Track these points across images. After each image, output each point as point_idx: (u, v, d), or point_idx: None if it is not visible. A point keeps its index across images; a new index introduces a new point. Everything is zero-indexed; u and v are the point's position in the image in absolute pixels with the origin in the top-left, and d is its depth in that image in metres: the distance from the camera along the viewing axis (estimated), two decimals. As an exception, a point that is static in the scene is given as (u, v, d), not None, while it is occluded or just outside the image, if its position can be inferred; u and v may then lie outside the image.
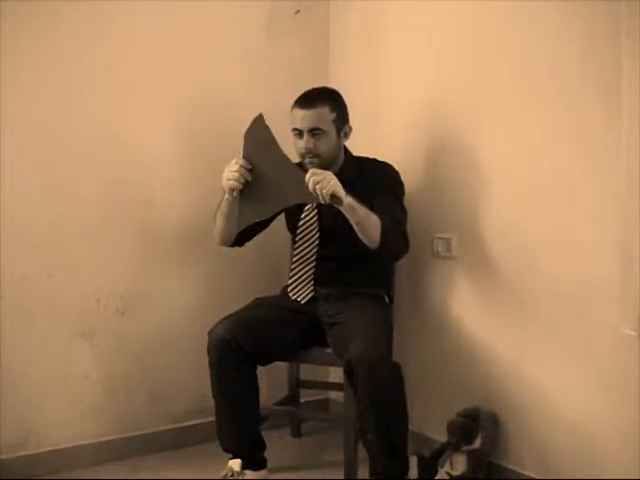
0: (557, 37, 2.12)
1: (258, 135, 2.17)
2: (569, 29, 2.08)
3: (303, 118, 2.34)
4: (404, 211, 2.38)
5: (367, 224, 2.13)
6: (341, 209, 2.08)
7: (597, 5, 2.00)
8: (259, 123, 2.18)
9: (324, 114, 2.36)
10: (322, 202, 2.05)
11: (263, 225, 2.46)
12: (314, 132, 2.34)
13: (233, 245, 2.48)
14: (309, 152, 2.34)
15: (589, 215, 2.06)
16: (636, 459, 1.92)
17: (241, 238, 2.45)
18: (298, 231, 2.48)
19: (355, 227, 2.14)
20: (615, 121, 1.93)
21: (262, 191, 2.17)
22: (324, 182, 2.02)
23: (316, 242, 2.45)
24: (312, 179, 2.01)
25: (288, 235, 2.59)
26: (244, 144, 2.21)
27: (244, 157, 2.19)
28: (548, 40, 2.14)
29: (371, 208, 2.18)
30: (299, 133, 2.35)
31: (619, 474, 1.98)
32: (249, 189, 2.19)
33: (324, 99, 2.38)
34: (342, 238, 2.25)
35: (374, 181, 2.36)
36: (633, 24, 1.84)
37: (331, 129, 2.38)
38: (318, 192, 2.03)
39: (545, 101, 2.16)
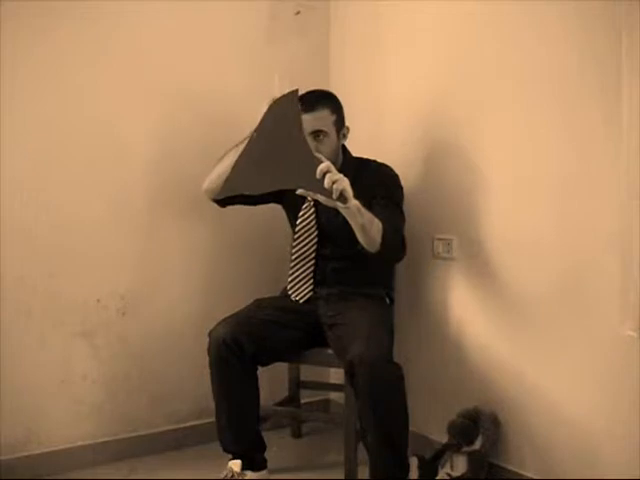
0: (557, 37, 2.11)
1: (285, 108, 2.07)
2: (569, 29, 2.08)
3: (305, 121, 2.31)
4: (402, 216, 2.38)
5: (370, 228, 2.11)
6: (345, 211, 2.02)
7: (597, 5, 2.00)
8: (292, 97, 2.07)
9: (325, 116, 2.37)
10: (332, 198, 1.94)
11: (254, 200, 2.45)
12: (316, 135, 2.34)
13: (216, 199, 2.43)
14: None
15: (589, 216, 2.05)
16: (637, 460, 1.92)
17: (226, 200, 2.41)
18: (296, 229, 2.48)
19: (358, 230, 2.10)
20: (615, 122, 1.92)
21: (266, 163, 2.06)
22: (340, 181, 1.94)
23: (314, 241, 2.45)
24: (329, 176, 1.93)
25: (288, 235, 2.58)
26: (265, 112, 2.13)
27: (259, 124, 2.12)
28: (548, 40, 2.14)
29: (369, 210, 2.16)
30: None
31: (620, 475, 1.97)
32: (251, 156, 2.09)
33: (324, 102, 2.39)
34: (341, 238, 2.24)
35: (373, 183, 2.35)
36: (633, 24, 1.84)
37: (332, 131, 2.38)
38: (333, 187, 1.92)
39: (545, 102, 2.16)
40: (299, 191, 1.99)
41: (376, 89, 2.80)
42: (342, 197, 1.94)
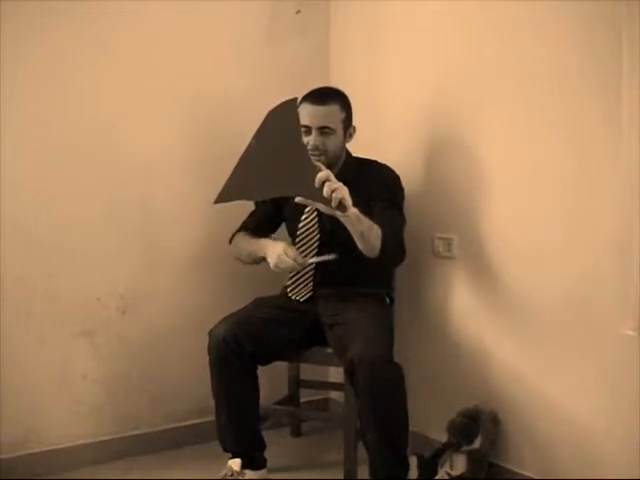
0: (557, 37, 2.11)
1: (284, 117, 2.07)
2: (569, 29, 2.08)
3: (314, 114, 2.34)
4: (403, 218, 2.38)
5: (369, 235, 2.12)
6: (344, 219, 2.02)
7: (597, 5, 2.00)
8: (290, 106, 2.07)
9: (335, 112, 2.37)
10: (331, 206, 1.93)
11: (278, 224, 2.57)
12: (323, 130, 2.35)
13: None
14: (316, 149, 2.33)
15: (589, 216, 2.06)
16: (637, 460, 1.92)
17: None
18: (298, 233, 2.48)
19: (357, 238, 2.11)
20: (615, 122, 1.92)
21: (265, 171, 2.05)
22: (340, 189, 1.93)
23: (316, 244, 2.45)
24: (328, 184, 1.92)
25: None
26: (263, 120, 2.11)
27: (257, 132, 2.11)
28: (548, 40, 2.14)
29: (369, 212, 2.16)
30: (307, 130, 2.34)
31: (620, 474, 1.97)
32: (250, 164, 2.09)
33: (336, 98, 2.40)
34: (342, 240, 2.23)
35: (373, 185, 2.36)
36: (633, 24, 1.84)
37: (339, 128, 2.39)
38: (332, 196, 1.92)
39: (545, 101, 2.16)
40: (298, 199, 1.99)
41: (376, 89, 2.80)
42: (341, 206, 1.94)
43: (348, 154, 2.49)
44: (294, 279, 2.48)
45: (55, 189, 2.47)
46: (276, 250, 2.30)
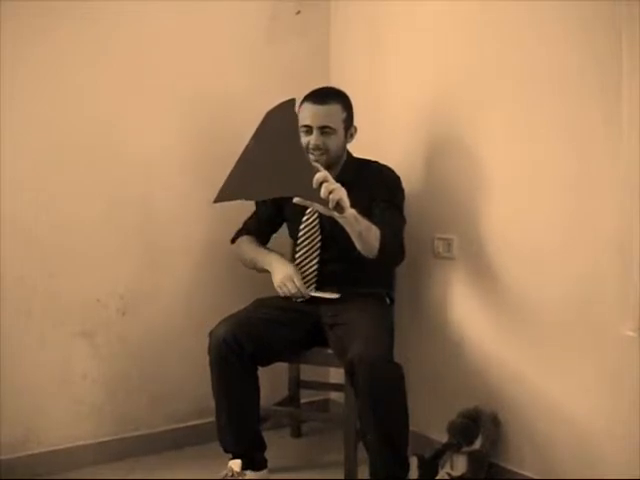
0: (557, 37, 2.12)
1: (283, 118, 2.07)
2: (569, 29, 2.08)
3: (315, 114, 2.34)
4: (403, 219, 2.38)
5: (368, 235, 2.12)
6: (342, 220, 2.03)
7: (597, 5, 2.00)
8: (289, 107, 2.07)
9: (336, 112, 2.38)
10: (328, 207, 1.94)
11: (279, 224, 2.61)
12: (324, 130, 2.35)
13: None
14: (317, 149, 2.34)
15: (589, 216, 2.06)
16: (637, 460, 1.92)
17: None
18: (300, 234, 2.48)
19: (355, 238, 2.12)
20: (615, 122, 1.92)
21: (263, 171, 2.06)
22: (337, 190, 1.94)
23: (318, 245, 2.46)
24: (325, 186, 1.93)
25: (289, 235, 2.59)
26: (262, 121, 2.11)
27: (256, 132, 2.11)
28: (548, 40, 2.14)
29: (369, 212, 2.16)
30: (308, 130, 2.35)
31: (620, 474, 1.97)
32: (248, 164, 2.09)
33: (336, 97, 2.40)
34: (343, 241, 2.22)
35: (374, 185, 2.36)
36: (633, 24, 1.84)
37: (340, 128, 2.39)
38: (330, 197, 1.93)
39: (545, 102, 2.16)
40: (296, 200, 1.99)
41: (376, 89, 2.80)
42: (338, 207, 1.95)
43: (349, 155, 2.49)
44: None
45: (55, 189, 2.47)
46: (284, 273, 2.40)
